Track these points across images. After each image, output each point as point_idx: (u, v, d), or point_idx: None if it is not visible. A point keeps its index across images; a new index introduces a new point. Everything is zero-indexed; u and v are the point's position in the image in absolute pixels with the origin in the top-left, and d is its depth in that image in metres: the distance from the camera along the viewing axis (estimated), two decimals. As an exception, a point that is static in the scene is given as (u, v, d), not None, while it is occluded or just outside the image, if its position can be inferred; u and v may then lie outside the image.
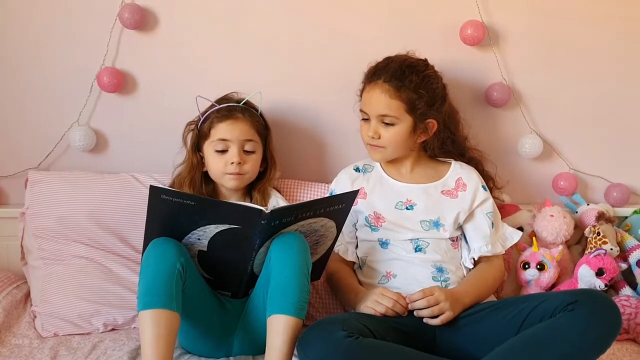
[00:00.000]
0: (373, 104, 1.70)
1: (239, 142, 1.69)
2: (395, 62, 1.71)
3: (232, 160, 1.68)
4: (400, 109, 1.68)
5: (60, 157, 1.97)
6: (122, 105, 1.96)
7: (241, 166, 1.69)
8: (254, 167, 1.73)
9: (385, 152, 1.73)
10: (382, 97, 1.68)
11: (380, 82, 1.69)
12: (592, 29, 2.00)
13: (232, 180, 1.70)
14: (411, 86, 1.67)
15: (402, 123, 1.69)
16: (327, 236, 1.58)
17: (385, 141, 1.70)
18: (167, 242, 1.47)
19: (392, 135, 1.69)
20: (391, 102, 1.67)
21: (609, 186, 2.07)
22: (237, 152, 1.69)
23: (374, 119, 1.70)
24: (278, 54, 1.96)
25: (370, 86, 1.71)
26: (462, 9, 1.94)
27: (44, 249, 1.80)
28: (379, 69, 1.72)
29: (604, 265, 1.77)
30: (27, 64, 1.94)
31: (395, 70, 1.69)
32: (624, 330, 1.70)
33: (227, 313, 1.60)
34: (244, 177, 1.71)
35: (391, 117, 1.68)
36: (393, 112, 1.67)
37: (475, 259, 1.71)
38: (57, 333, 1.71)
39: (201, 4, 1.93)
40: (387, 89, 1.67)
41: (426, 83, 1.70)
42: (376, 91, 1.69)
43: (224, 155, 1.70)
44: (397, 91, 1.67)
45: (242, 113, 1.71)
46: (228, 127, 1.69)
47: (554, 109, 2.04)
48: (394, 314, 1.54)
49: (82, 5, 1.91)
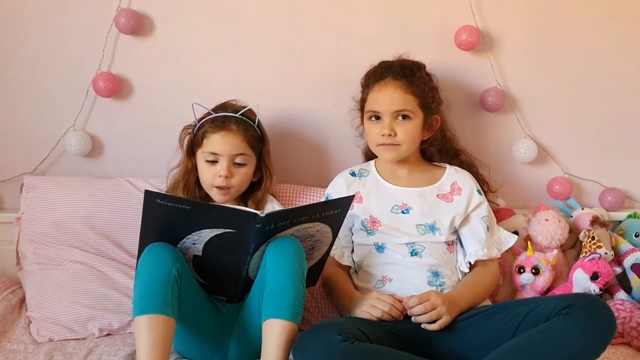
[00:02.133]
0: (387, 100, 1.70)
1: (230, 156, 1.69)
2: (396, 63, 1.76)
3: (220, 174, 1.68)
4: (414, 103, 1.70)
5: (56, 162, 1.97)
6: (118, 110, 1.96)
7: (228, 180, 1.69)
8: (242, 181, 1.72)
9: (400, 150, 1.72)
10: (397, 92, 1.69)
11: (391, 80, 1.71)
12: (587, 34, 2.01)
13: (219, 195, 1.70)
14: (421, 82, 1.72)
15: (417, 118, 1.71)
16: (322, 241, 1.58)
17: (401, 138, 1.70)
18: (162, 247, 1.46)
19: (409, 130, 1.70)
20: (406, 97, 1.70)
21: (604, 190, 2.08)
22: (226, 165, 1.68)
23: (388, 116, 1.70)
24: (274, 59, 1.97)
25: (379, 85, 1.72)
26: (456, 14, 1.95)
27: (39, 254, 1.79)
28: (384, 68, 1.74)
29: (598, 269, 1.77)
30: (22, 69, 1.94)
31: (402, 68, 1.73)
32: (619, 334, 1.70)
33: (223, 318, 1.60)
34: (230, 191, 1.70)
35: (408, 112, 1.70)
36: (409, 106, 1.70)
37: (472, 263, 1.71)
38: (53, 338, 1.71)
39: (197, 9, 1.93)
40: (399, 84, 1.70)
41: (430, 80, 1.76)
42: (389, 88, 1.70)
43: (213, 167, 1.70)
44: (409, 86, 1.70)
45: (236, 125, 1.71)
46: (220, 139, 1.69)
47: (548, 114, 2.04)
48: (390, 318, 1.54)
49: (78, 10, 1.91)
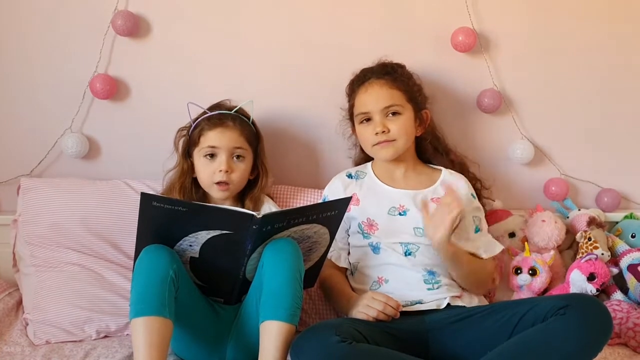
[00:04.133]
0: (374, 99, 1.73)
1: (228, 149, 1.69)
2: (377, 65, 1.80)
3: (220, 168, 1.68)
4: (402, 97, 1.74)
5: (53, 163, 1.97)
6: (115, 112, 1.96)
7: (229, 175, 1.69)
8: (241, 176, 1.72)
9: (396, 146, 1.73)
10: (383, 89, 1.73)
11: (374, 79, 1.75)
12: (584, 35, 2.02)
13: (219, 191, 1.70)
14: (403, 77, 1.76)
15: (407, 112, 1.74)
16: (320, 243, 1.58)
17: (395, 133, 1.72)
18: (159, 249, 1.46)
19: (401, 124, 1.72)
20: (393, 92, 1.73)
21: (600, 191, 2.08)
22: (225, 159, 1.69)
23: (378, 114, 1.72)
24: (271, 61, 1.97)
25: (364, 87, 1.75)
26: (453, 16, 1.95)
27: (36, 256, 1.79)
28: (365, 72, 1.78)
29: (595, 270, 1.78)
30: (19, 70, 1.93)
31: (383, 67, 1.77)
32: (615, 334, 1.71)
33: (220, 319, 1.60)
34: (230, 187, 1.71)
35: (397, 106, 1.72)
36: (397, 101, 1.73)
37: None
38: (50, 340, 1.71)
39: (194, 11, 1.93)
40: (384, 82, 1.74)
41: (411, 76, 1.79)
42: (374, 87, 1.74)
43: (212, 162, 1.70)
44: (394, 82, 1.74)
45: (232, 121, 1.71)
46: (218, 134, 1.69)
47: (545, 115, 2.05)
48: (386, 317, 1.54)
49: (75, 12, 1.91)
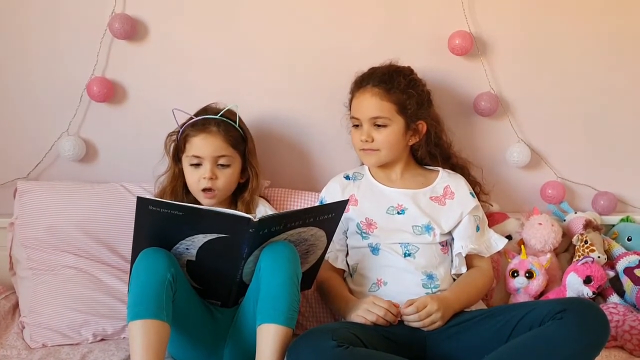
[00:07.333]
0: (364, 108, 1.73)
1: (212, 158, 1.69)
2: (381, 69, 1.77)
3: (205, 176, 1.68)
4: (392, 110, 1.72)
5: (50, 166, 1.97)
6: (112, 115, 1.96)
7: (214, 181, 1.69)
8: (227, 182, 1.72)
9: (379, 155, 1.74)
10: (373, 100, 1.71)
11: (369, 87, 1.73)
12: (580, 39, 2.02)
13: (205, 198, 1.70)
14: (400, 87, 1.72)
15: (394, 124, 1.72)
16: (317, 245, 1.58)
17: (378, 144, 1.72)
18: (157, 252, 1.46)
19: (385, 137, 1.72)
20: (382, 104, 1.71)
21: (596, 194, 2.08)
22: (209, 168, 1.69)
23: (366, 122, 1.72)
24: (268, 64, 1.97)
25: (359, 92, 1.75)
26: (450, 19, 1.95)
27: (32, 259, 1.79)
28: (366, 76, 1.77)
29: (591, 272, 1.78)
30: (16, 73, 1.93)
31: (383, 75, 1.74)
32: (612, 337, 1.71)
33: (217, 322, 1.60)
34: (216, 193, 1.70)
35: (383, 119, 1.71)
36: (385, 113, 1.71)
37: (464, 255, 1.71)
38: (46, 344, 1.70)
39: (191, 14, 1.93)
40: (377, 92, 1.72)
41: (413, 85, 1.76)
42: (366, 96, 1.73)
43: (197, 170, 1.70)
44: (387, 93, 1.72)
45: (216, 126, 1.70)
46: (201, 142, 1.69)
47: (541, 118, 2.05)
48: (385, 323, 1.54)
49: (72, 15, 1.91)
